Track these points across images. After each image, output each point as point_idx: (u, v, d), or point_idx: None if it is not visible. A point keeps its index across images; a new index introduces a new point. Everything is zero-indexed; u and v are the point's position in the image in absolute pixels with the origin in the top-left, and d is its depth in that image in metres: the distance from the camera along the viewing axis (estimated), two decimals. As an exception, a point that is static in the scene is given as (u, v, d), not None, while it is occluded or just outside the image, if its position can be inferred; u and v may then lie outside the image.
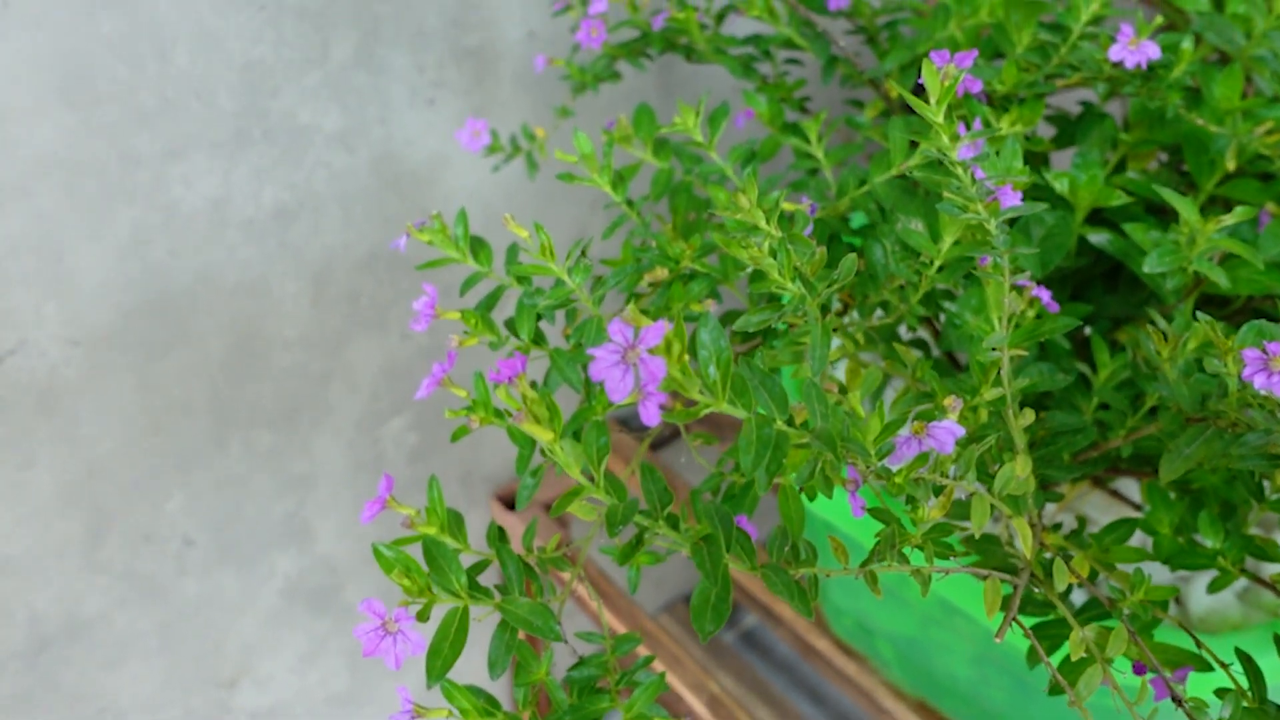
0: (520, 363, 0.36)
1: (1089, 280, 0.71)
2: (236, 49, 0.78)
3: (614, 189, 0.56)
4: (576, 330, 0.49)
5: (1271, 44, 0.62)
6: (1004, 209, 0.49)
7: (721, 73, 0.85)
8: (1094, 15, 0.62)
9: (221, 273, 0.87)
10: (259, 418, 0.96)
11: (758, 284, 0.40)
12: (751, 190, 0.41)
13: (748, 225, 0.41)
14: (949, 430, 0.38)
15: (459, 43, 0.90)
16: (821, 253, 0.43)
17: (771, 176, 0.63)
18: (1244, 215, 0.52)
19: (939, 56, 0.47)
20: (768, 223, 0.41)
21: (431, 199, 0.96)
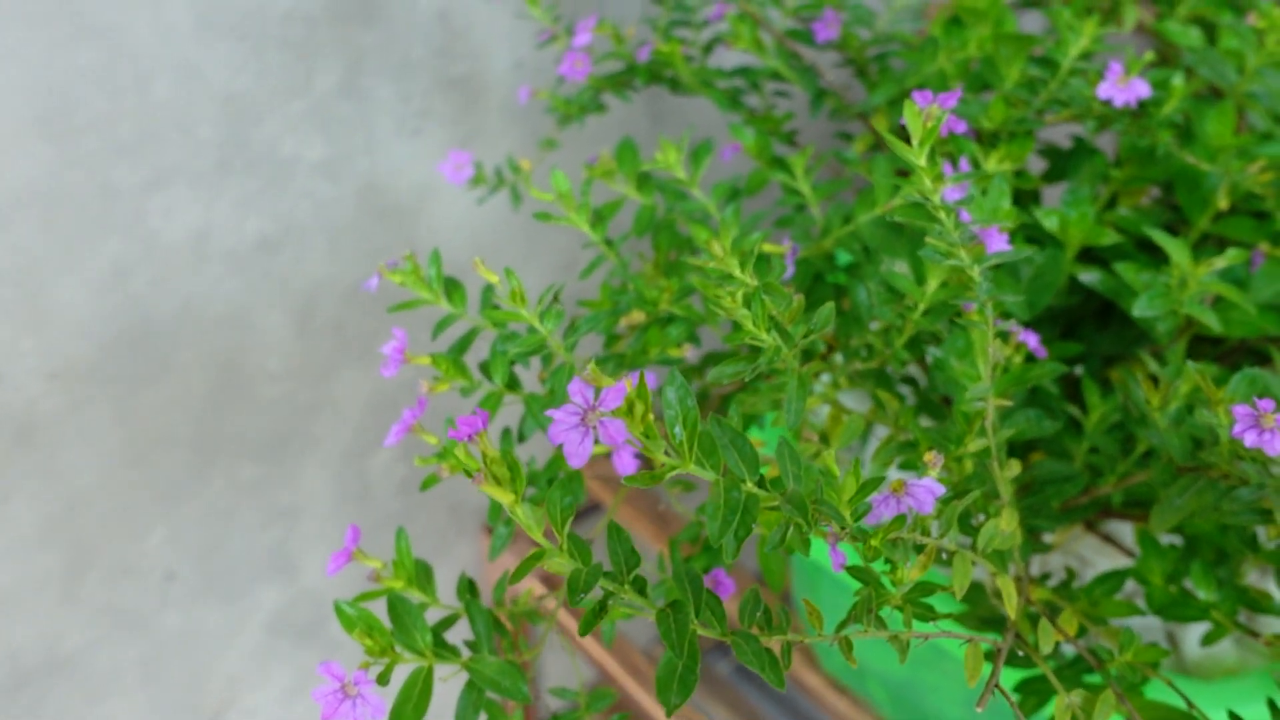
0: (480, 420, 0.35)
1: (1080, 318, 0.69)
2: (218, 79, 0.78)
3: (593, 228, 0.55)
4: (551, 376, 0.48)
5: (1264, 80, 0.61)
6: (989, 253, 0.48)
7: (711, 103, 0.84)
8: (1083, 50, 0.61)
9: (203, 305, 0.85)
10: (243, 450, 0.94)
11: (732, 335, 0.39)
12: (726, 237, 0.40)
13: (722, 273, 0.40)
14: (928, 489, 0.37)
15: (445, 73, 0.89)
16: (799, 300, 0.42)
17: (756, 214, 0.62)
18: (1235, 259, 0.51)
19: (922, 97, 0.46)
20: (743, 270, 0.40)
21: (418, 230, 0.95)
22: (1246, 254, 0.51)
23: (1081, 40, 0.61)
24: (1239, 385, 0.44)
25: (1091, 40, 0.61)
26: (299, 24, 0.79)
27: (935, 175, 0.45)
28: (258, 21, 0.77)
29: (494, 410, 0.50)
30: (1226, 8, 0.72)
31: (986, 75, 0.65)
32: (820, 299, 0.58)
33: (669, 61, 0.71)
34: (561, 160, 0.99)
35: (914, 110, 0.45)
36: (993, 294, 0.43)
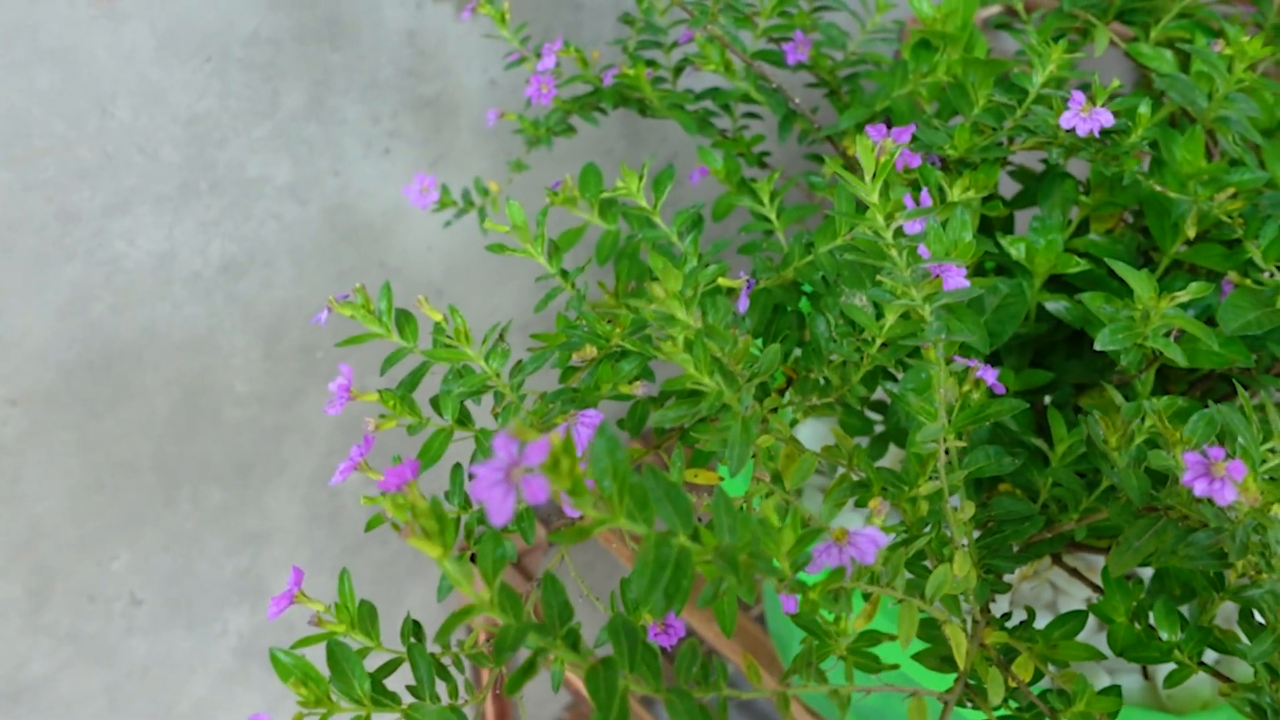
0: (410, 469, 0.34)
1: (1051, 345, 0.68)
2: (181, 102, 0.76)
3: (549, 259, 0.54)
4: (503, 412, 0.47)
5: (1233, 106, 0.60)
6: (946, 289, 0.47)
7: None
8: (1050, 76, 0.60)
9: (167, 329, 0.84)
10: (209, 474, 0.93)
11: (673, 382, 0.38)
12: (669, 278, 0.39)
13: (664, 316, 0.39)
14: (871, 539, 0.35)
15: (415, 92, 0.88)
16: (744, 342, 0.41)
17: (719, 241, 0.61)
18: (1198, 293, 0.50)
19: (875, 130, 0.45)
20: (686, 311, 0.39)
21: (389, 251, 0.94)
22: (1209, 287, 0.50)
23: (1049, 66, 0.60)
24: (1197, 426, 0.43)
25: (1059, 66, 0.60)
26: (264, 45, 0.78)
27: (888, 211, 0.44)
28: (221, 43, 0.76)
29: (444, 447, 0.49)
30: (1201, 30, 0.72)
31: (954, 100, 0.64)
32: (781, 329, 0.57)
33: (634, 85, 0.70)
34: (535, 179, 0.98)
35: (866, 144, 0.44)
36: (945, 333, 0.42)
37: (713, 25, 0.63)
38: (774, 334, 0.56)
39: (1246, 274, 0.58)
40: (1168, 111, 0.69)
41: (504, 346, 0.46)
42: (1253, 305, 0.56)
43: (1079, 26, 0.72)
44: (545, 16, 0.92)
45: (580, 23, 0.95)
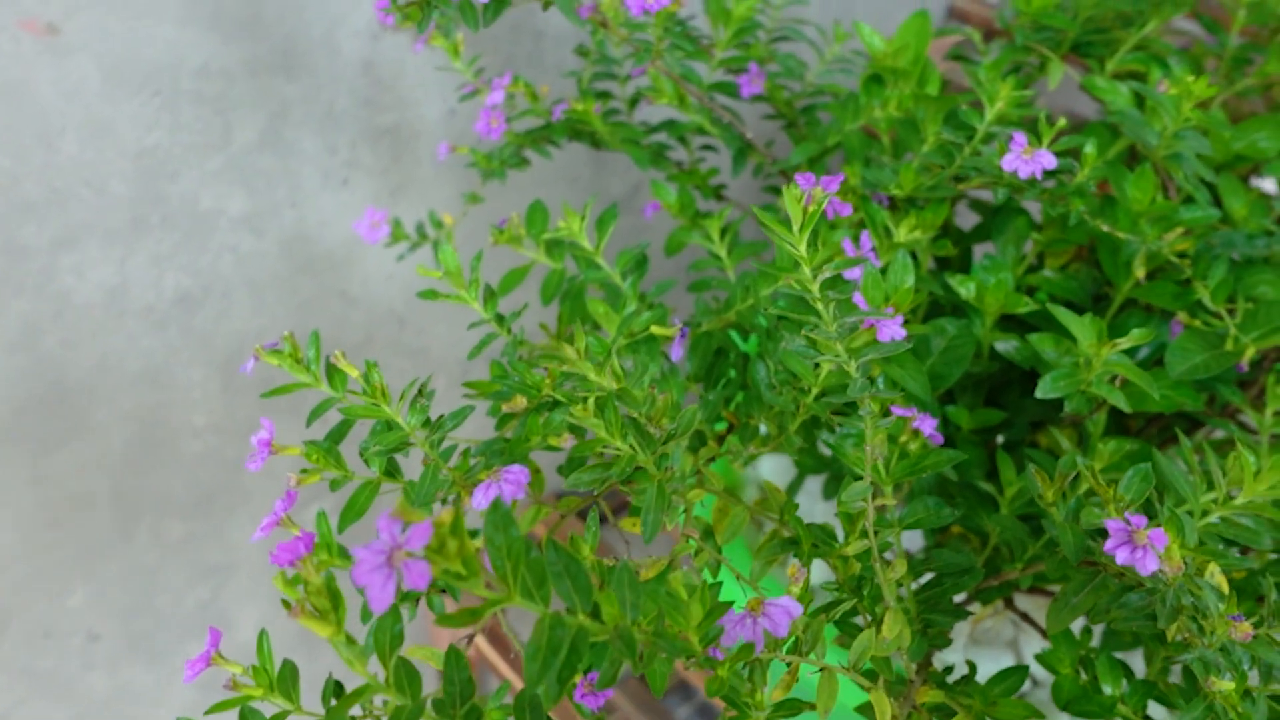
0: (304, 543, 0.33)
1: (1006, 383, 0.68)
2: (130, 135, 0.76)
3: (484, 305, 0.53)
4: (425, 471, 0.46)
5: (1183, 144, 0.59)
6: (881, 340, 0.46)
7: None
8: (999, 114, 0.59)
9: (120, 363, 0.83)
10: (168, 507, 0.92)
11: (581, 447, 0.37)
12: (580, 339, 0.38)
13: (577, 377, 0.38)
14: (785, 609, 0.34)
15: (373, 122, 0.87)
16: (664, 400, 0.40)
17: (661, 282, 0.60)
18: (1140, 340, 0.49)
19: (804, 179, 0.44)
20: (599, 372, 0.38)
21: (349, 280, 0.93)
22: (1150, 334, 0.49)
23: (997, 104, 0.59)
24: (1132, 483, 0.42)
25: (1008, 103, 0.59)
26: (215, 78, 0.77)
27: (816, 263, 0.43)
28: (170, 76, 0.75)
29: (370, 500, 0.48)
30: (1156, 63, 0.71)
31: (904, 137, 0.64)
32: (723, 373, 0.56)
33: (584, 120, 0.69)
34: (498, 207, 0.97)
35: (794, 195, 0.43)
36: (872, 390, 0.41)
37: (658, 61, 0.62)
38: (715, 378, 0.56)
39: (1196, 315, 0.57)
40: (1126, 144, 0.68)
41: (423, 402, 0.45)
42: (1201, 348, 0.55)
43: (1034, 61, 0.72)
44: (505, 46, 0.91)
45: (542, 51, 0.94)
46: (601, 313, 0.54)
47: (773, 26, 0.82)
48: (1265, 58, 0.73)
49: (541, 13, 0.92)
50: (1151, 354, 0.65)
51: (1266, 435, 0.56)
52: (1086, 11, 0.67)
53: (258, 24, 0.77)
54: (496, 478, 0.44)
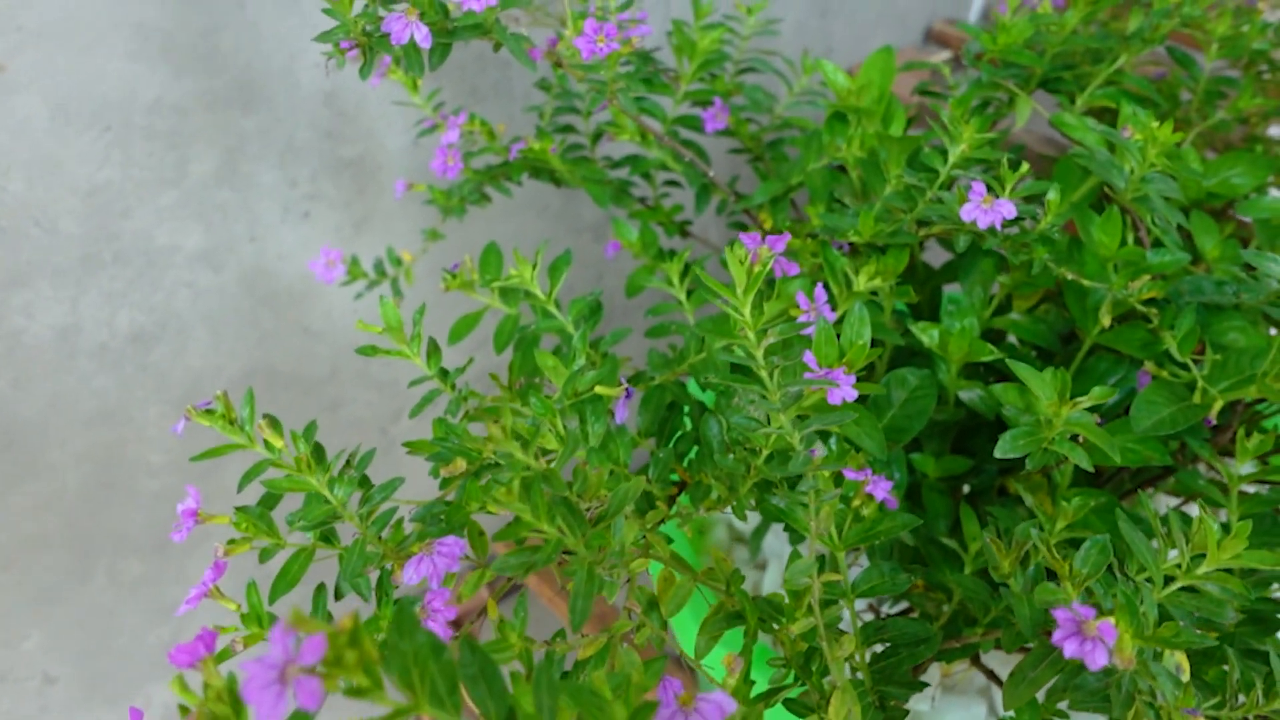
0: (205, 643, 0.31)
1: (974, 427, 0.66)
2: (80, 173, 0.74)
3: (427, 360, 0.51)
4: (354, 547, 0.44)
5: (1150, 187, 0.57)
6: (833, 401, 0.44)
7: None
8: (962, 157, 0.58)
9: (74, 402, 0.81)
10: (125, 546, 0.90)
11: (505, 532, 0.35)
12: (507, 415, 0.36)
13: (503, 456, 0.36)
14: (718, 706, 0.33)
15: (335, 154, 0.86)
16: (596, 476, 0.38)
17: (616, 331, 0.58)
18: (1101, 398, 0.47)
19: (749, 239, 0.42)
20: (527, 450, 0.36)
21: (311, 314, 0.92)
22: (1112, 392, 0.47)
23: (960, 146, 0.58)
24: (1089, 554, 0.41)
25: (972, 146, 0.58)
26: (168, 113, 0.75)
27: (760, 326, 0.41)
28: (121, 112, 0.73)
29: (304, 569, 0.46)
30: (1127, 99, 0.70)
31: (867, 178, 0.62)
32: (674, 428, 0.54)
33: (540, 159, 0.67)
34: (466, 237, 0.95)
35: (737, 255, 0.41)
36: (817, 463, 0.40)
37: (614, 100, 0.60)
38: (668, 433, 0.54)
39: (1164, 365, 0.56)
40: (1096, 181, 0.66)
41: (351, 474, 0.43)
42: (1168, 400, 0.54)
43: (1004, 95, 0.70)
44: (471, 76, 0.89)
45: (510, 80, 0.92)
46: (550, 366, 0.52)
47: (740, 58, 0.80)
48: (1238, 92, 0.71)
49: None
50: (1122, 399, 0.63)
51: (1236, 489, 0.54)
52: (1054, 48, 0.66)
53: (213, 57, 0.76)
54: (429, 550, 0.42)
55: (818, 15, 1.11)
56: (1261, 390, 0.52)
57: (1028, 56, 0.65)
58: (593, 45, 0.55)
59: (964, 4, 1.26)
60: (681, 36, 0.74)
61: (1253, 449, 0.54)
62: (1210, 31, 0.71)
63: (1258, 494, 0.55)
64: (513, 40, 0.55)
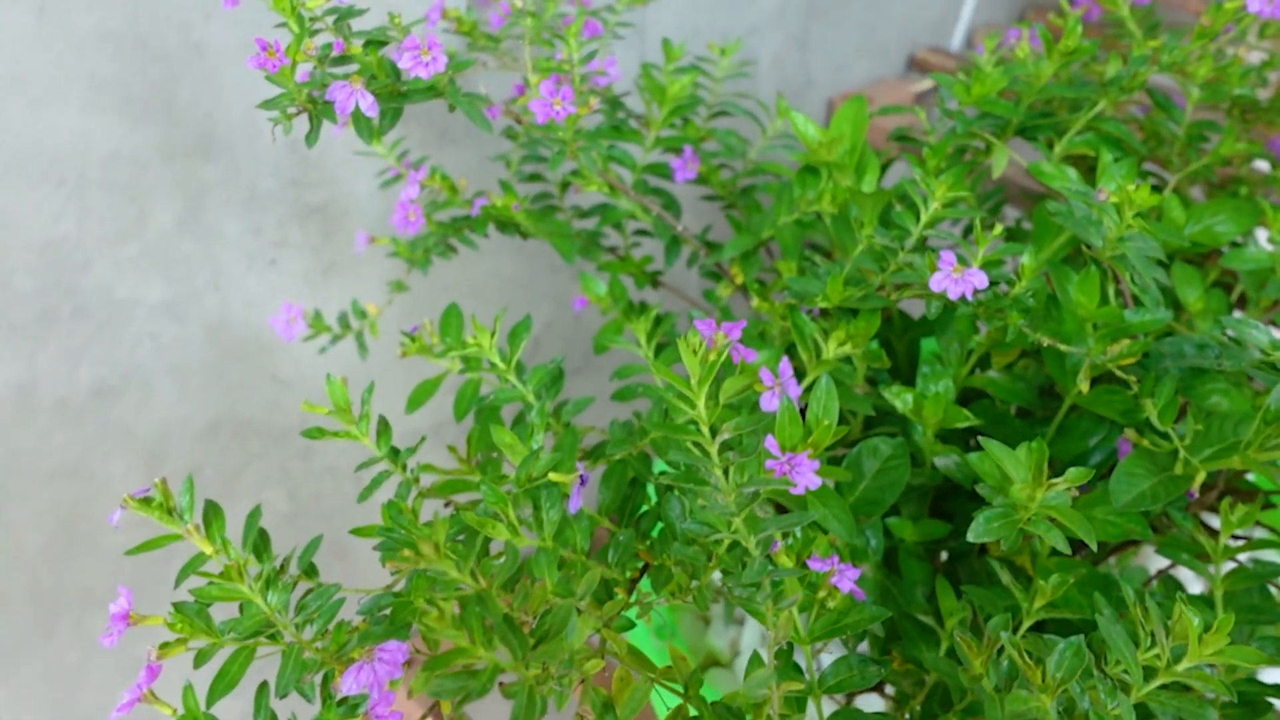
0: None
1: (952, 488, 0.64)
2: (34, 227, 0.72)
3: (377, 440, 0.49)
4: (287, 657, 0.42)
5: (1128, 246, 0.55)
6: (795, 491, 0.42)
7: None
8: (934, 217, 0.56)
9: (34, 459, 0.79)
10: (90, 602, 0.88)
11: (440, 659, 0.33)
12: (440, 530, 0.34)
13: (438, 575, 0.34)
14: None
15: (301, 200, 0.84)
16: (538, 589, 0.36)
17: (578, 400, 0.56)
18: (1077, 480, 0.45)
19: (704, 325, 0.40)
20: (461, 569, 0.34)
21: (280, 362, 0.90)
22: (1088, 475, 0.45)
23: (933, 205, 0.56)
24: (1064, 658, 0.39)
25: (944, 204, 0.56)
26: (125, 165, 0.73)
27: (713, 421, 0.39)
28: (76, 165, 0.71)
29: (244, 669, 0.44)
30: (1107, 145, 0.68)
31: (838, 235, 0.60)
32: (637, 505, 0.52)
33: (503, 214, 0.65)
34: (436, 281, 0.93)
35: (690, 345, 0.40)
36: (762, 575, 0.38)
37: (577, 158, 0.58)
38: (630, 511, 0.52)
39: (1144, 433, 0.54)
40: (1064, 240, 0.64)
41: (286, 579, 0.41)
42: (1149, 472, 0.52)
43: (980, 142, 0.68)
44: (440, 118, 0.87)
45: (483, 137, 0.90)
46: (508, 445, 0.50)
47: (713, 101, 0.78)
48: (1220, 137, 0.70)
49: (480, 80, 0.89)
50: (1104, 459, 0.61)
51: (1220, 563, 0.52)
52: (1030, 98, 0.64)
53: (171, 107, 0.74)
54: (370, 657, 0.40)
55: (797, 48, 1.10)
56: (1245, 462, 0.50)
57: (1003, 106, 0.64)
58: (549, 109, 0.53)
59: (946, 32, 1.24)
60: (651, 82, 0.72)
61: (1236, 521, 0.52)
62: (1191, 75, 0.69)
63: (1243, 568, 0.53)
64: (466, 103, 0.53)
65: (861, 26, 1.15)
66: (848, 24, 1.14)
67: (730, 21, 1.02)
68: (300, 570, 0.46)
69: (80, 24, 0.68)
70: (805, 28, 1.09)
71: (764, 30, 1.06)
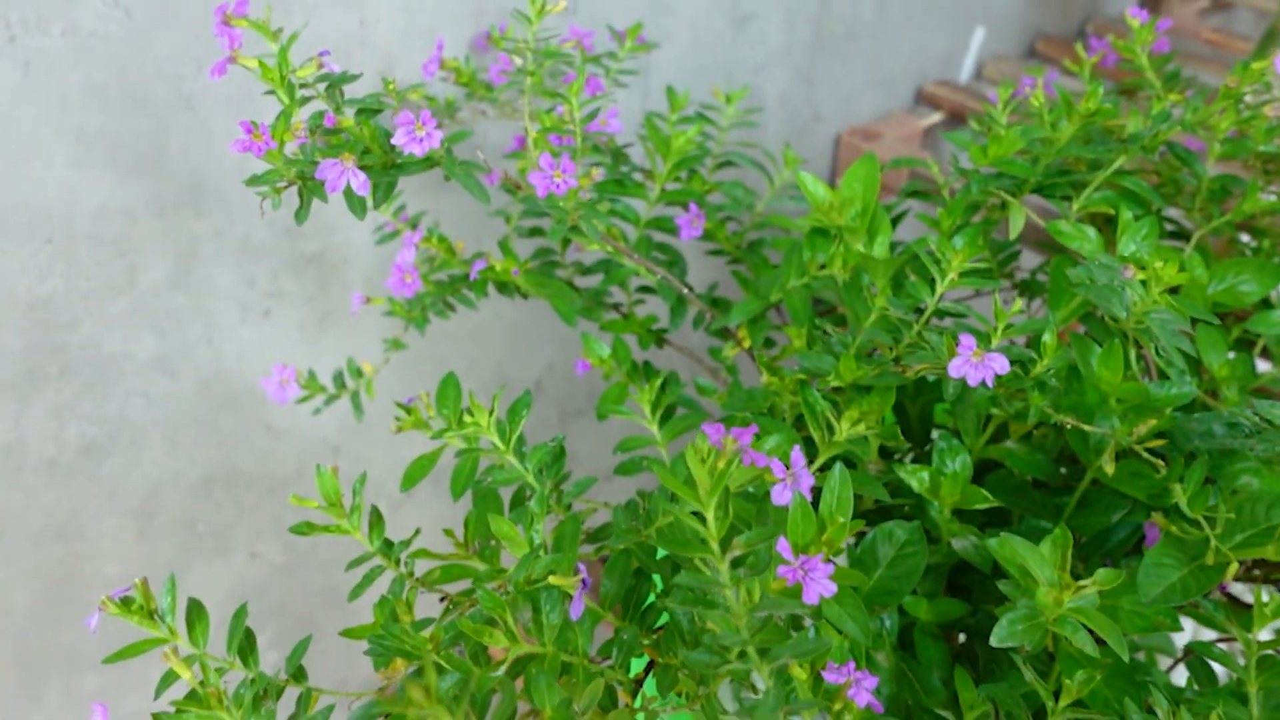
0: None
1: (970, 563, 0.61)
2: (19, 286, 0.70)
3: (370, 534, 0.47)
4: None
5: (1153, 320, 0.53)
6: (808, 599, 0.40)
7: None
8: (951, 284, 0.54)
9: (20, 519, 0.77)
10: (80, 662, 0.85)
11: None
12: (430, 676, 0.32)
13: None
14: None
15: (295, 250, 0.82)
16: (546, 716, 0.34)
17: (581, 481, 0.54)
18: (1107, 582, 0.43)
19: (713, 429, 0.38)
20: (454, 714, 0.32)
21: (275, 412, 0.87)
22: (1119, 577, 0.43)
23: (949, 275, 0.53)
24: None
25: (959, 275, 0.53)
26: (114, 219, 0.71)
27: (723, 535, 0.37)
28: (64, 221, 0.69)
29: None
30: (1127, 202, 0.66)
31: (849, 303, 0.58)
32: (642, 598, 0.50)
33: (502, 278, 0.63)
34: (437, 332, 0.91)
35: (698, 453, 0.37)
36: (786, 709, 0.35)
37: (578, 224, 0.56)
38: (634, 604, 0.50)
39: (1172, 519, 0.52)
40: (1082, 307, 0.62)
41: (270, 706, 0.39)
42: (1178, 561, 0.50)
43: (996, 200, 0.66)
44: (438, 164, 0.85)
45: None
46: (507, 536, 0.48)
47: (719, 151, 0.76)
48: (1243, 193, 0.67)
49: (479, 129, 0.87)
50: (1128, 535, 0.59)
51: (1254, 658, 0.50)
52: (1049, 159, 0.62)
53: (161, 160, 0.72)
54: (359, 786, 0.38)
55: (803, 84, 1.08)
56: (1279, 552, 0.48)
57: (1021, 167, 0.61)
58: (549, 182, 0.51)
59: (954, 65, 1.22)
60: (655, 134, 0.70)
61: (1271, 613, 0.49)
62: (1214, 129, 0.67)
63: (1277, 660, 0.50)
64: (463, 174, 0.51)
65: (869, 61, 1.13)
66: (855, 59, 1.12)
67: (735, 59, 1.00)
68: (289, 675, 0.44)
69: (67, 79, 0.66)
70: (811, 63, 1.07)
71: (769, 67, 1.04)
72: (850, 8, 1.07)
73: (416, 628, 0.46)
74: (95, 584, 0.83)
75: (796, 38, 1.04)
